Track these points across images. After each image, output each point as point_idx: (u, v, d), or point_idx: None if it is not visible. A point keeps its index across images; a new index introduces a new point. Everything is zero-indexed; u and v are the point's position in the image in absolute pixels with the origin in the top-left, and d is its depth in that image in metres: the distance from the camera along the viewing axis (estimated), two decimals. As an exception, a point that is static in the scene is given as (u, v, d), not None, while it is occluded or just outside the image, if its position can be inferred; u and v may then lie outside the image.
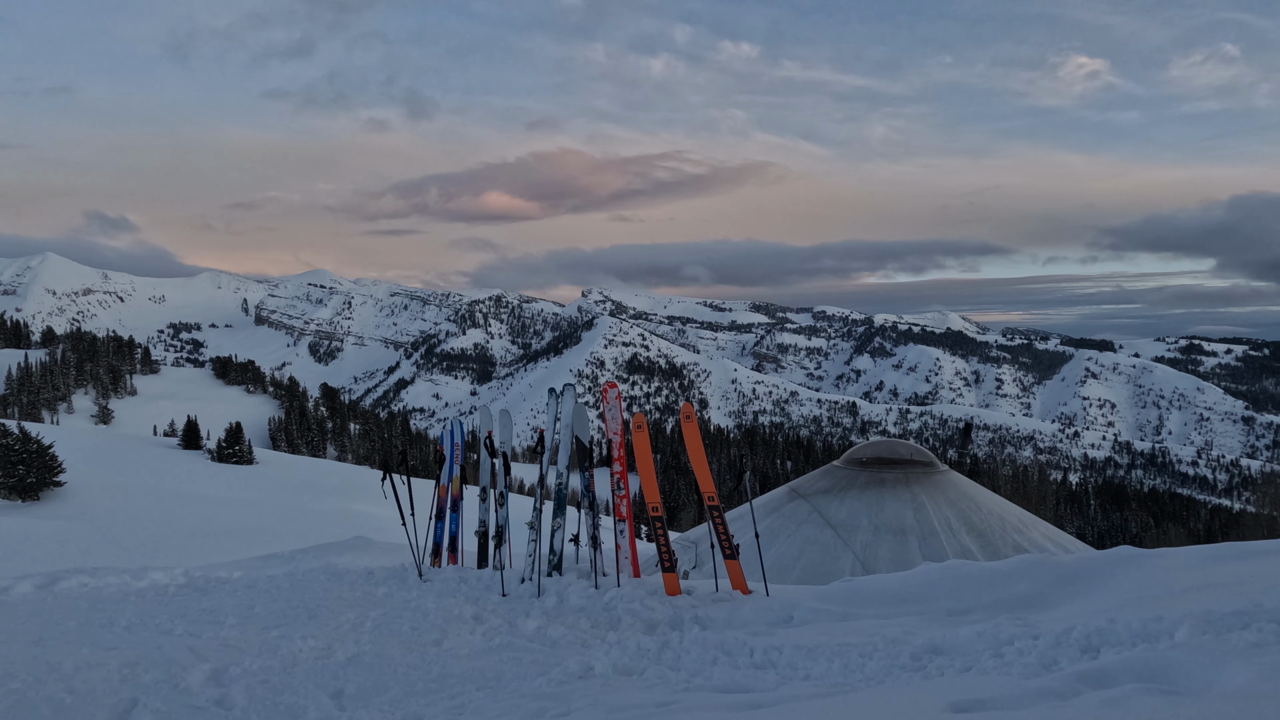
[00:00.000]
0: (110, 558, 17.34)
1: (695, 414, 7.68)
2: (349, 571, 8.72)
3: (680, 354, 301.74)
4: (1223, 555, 5.79)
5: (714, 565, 6.86)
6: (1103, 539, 59.60)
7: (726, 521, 6.94)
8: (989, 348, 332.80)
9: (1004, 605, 5.12)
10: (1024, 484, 67.55)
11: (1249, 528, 67.76)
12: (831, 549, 10.41)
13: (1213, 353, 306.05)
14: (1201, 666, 3.21)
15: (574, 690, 4.34)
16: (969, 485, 12.27)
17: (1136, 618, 4.16)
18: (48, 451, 30.22)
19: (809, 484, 12.25)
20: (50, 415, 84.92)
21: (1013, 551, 10.14)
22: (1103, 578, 5.42)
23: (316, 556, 13.89)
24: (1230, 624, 3.76)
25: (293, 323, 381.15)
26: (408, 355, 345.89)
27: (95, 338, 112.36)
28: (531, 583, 7.12)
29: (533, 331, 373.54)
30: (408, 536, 8.50)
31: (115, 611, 6.90)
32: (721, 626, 5.52)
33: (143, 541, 20.75)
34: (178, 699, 4.52)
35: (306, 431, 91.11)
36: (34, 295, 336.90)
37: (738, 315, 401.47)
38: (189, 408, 72.98)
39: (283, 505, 35.66)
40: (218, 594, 7.66)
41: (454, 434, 9.35)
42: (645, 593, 6.64)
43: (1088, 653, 3.84)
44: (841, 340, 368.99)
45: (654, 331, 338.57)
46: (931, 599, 5.57)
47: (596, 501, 7.64)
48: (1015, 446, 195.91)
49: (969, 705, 3.23)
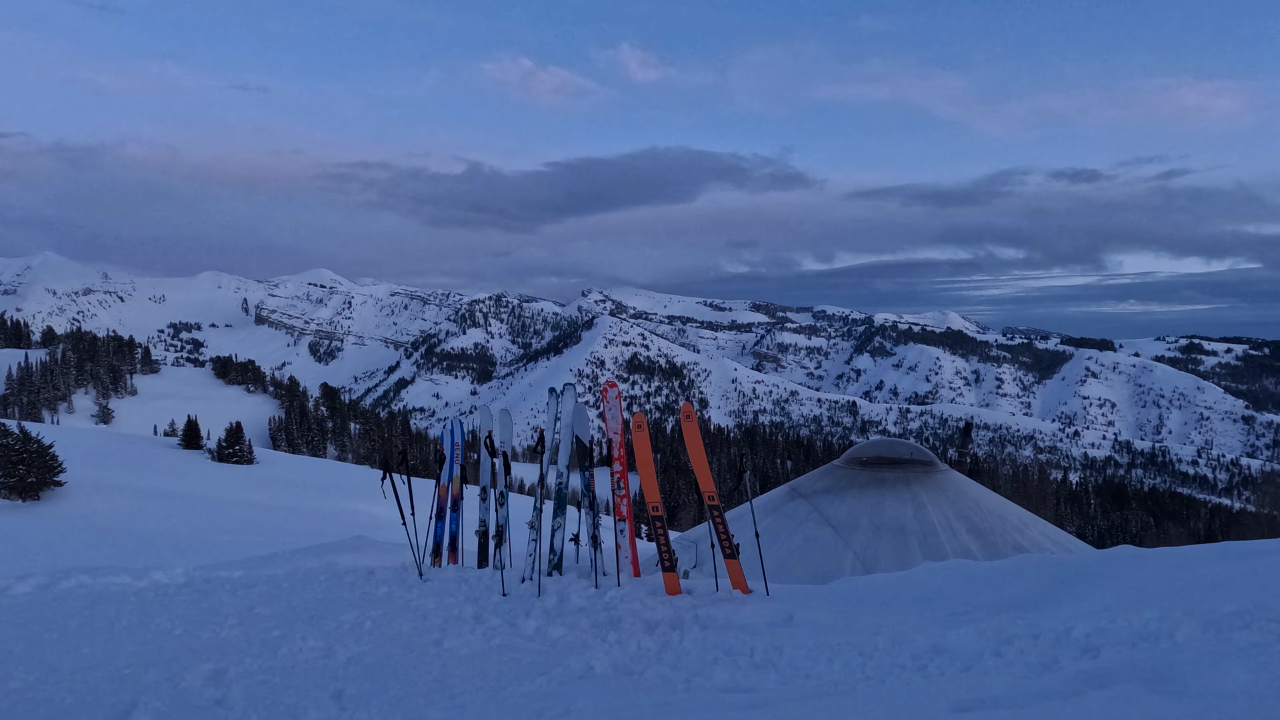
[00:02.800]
0: (110, 558, 17.30)
1: (695, 413, 7.67)
2: (349, 571, 8.72)
3: (680, 353, 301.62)
4: (1223, 555, 5.79)
5: (714, 565, 6.85)
6: (1103, 538, 59.58)
7: (726, 521, 6.93)
8: (989, 347, 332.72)
9: (1005, 605, 5.12)
10: (1024, 483, 67.54)
11: (1249, 527, 67.76)
12: (832, 548, 10.41)
13: (1213, 352, 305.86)
14: (1203, 666, 3.21)
15: (575, 690, 4.33)
16: (969, 485, 12.27)
17: (1137, 617, 4.16)
18: (48, 451, 30.20)
19: (809, 483, 12.25)
20: (50, 415, 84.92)
21: (1013, 551, 10.14)
22: (1103, 577, 5.41)
23: (316, 556, 13.84)
24: (1231, 624, 3.76)
25: (293, 322, 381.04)
26: (408, 355, 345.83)
27: (95, 337, 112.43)
28: (532, 582, 7.11)
29: (533, 331, 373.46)
30: (408, 536, 8.50)
31: (115, 612, 6.89)
32: (722, 626, 5.51)
33: (143, 541, 20.71)
34: (178, 699, 4.52)
35: (307, 431, 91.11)
36: (34, 295, 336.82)
37: (738, 315, 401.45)
38: (189, 407, 72.93)
39: (283, 505, 35.66)
40: (218, 594, 7.65)
41: (454, 433, 9.34)
42: (646, 592, 6.63)
43: (1088, 652, 3.83)
44: (841, 340, 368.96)
45: (654, 331, 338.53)
46: (932, 599, 5.57)
47: (596, 501, 7.64)
48: (1015, 446, 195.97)
49: (970, 705, 3.23)
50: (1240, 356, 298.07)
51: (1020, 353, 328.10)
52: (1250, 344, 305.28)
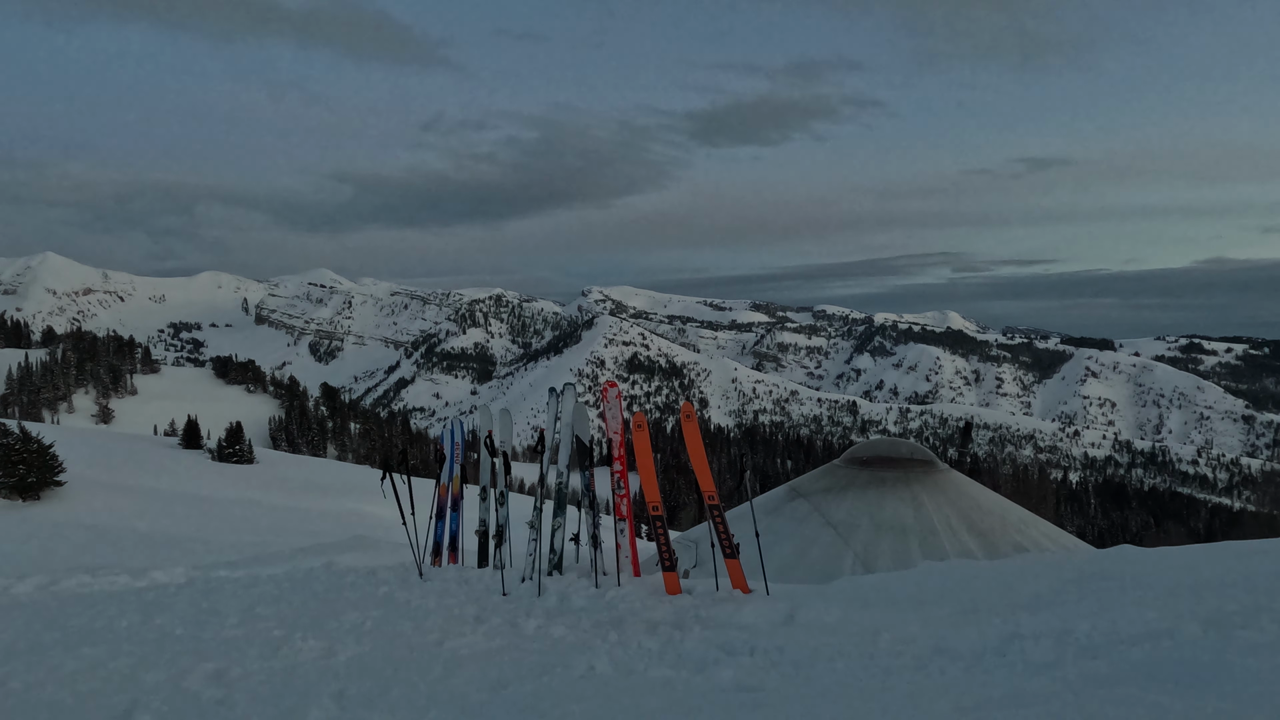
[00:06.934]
0: (110, 558, 17.32)
1: (695, 413, 7.67)
2: (350, 571, 8.72)
3: (680, 353, 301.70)
4: (1224, 554, 5.79)
5: (714, 564, 6.85)
6: (1103, 538, 59.68)
7: (727, 520, 6.93)
8: (989, 346, 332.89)
9: (1006, 605, 5.11)
10: (1024, 483, 67.56)
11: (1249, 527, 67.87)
12: (832, 548, 10.41)
13: (1213, 351, 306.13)
14: (1205, 666, 3.21)
15: (577, 690, 4.33)
16: (969, 484, 12.27)
17: (1139, 617, 4.16)
18: (48, 451, 30.19)
19: (809, 483, 12.25)
20: (50, 415, 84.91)
21: (1013, 551, 10.14)
22: (1104, 577, 5.41)
23: (317, 556, 13.86)
24: (1233, 623, 3.76)
25: (293, 322, 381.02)
26: (408, 355, 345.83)
27: (95, 337, 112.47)
28: (532, 582, 7.11)
29: (533, 331, 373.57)
30: (408, 536, 8.50)
31: (116, 612, 6.90)
32: (723, 626, 5.51)
33: (143, 541, 20.71)
34: (179, 700, 4.51)
35: (307, 431, 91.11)
36: (34, 295, 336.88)
37: (738, 314, 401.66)
38: (189, 407, 72.96)
39: (283, 505, 35.65)
40: (218, 594, 7.65)
41: (454, 433, 9.34)
42: (646, 592, 6.63)
43: (1090, 652, 3.83)
44: (842, 339, 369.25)
45: (654, 331, 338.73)
46: (934, 599, 5.56)
47: (597, 500, 7.63)
48: (1015, 445, 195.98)
49: (972, 705, 3.23)
50: (1240, 356, 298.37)
51: (1020, 352, 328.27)
52: (1250, 344, 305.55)
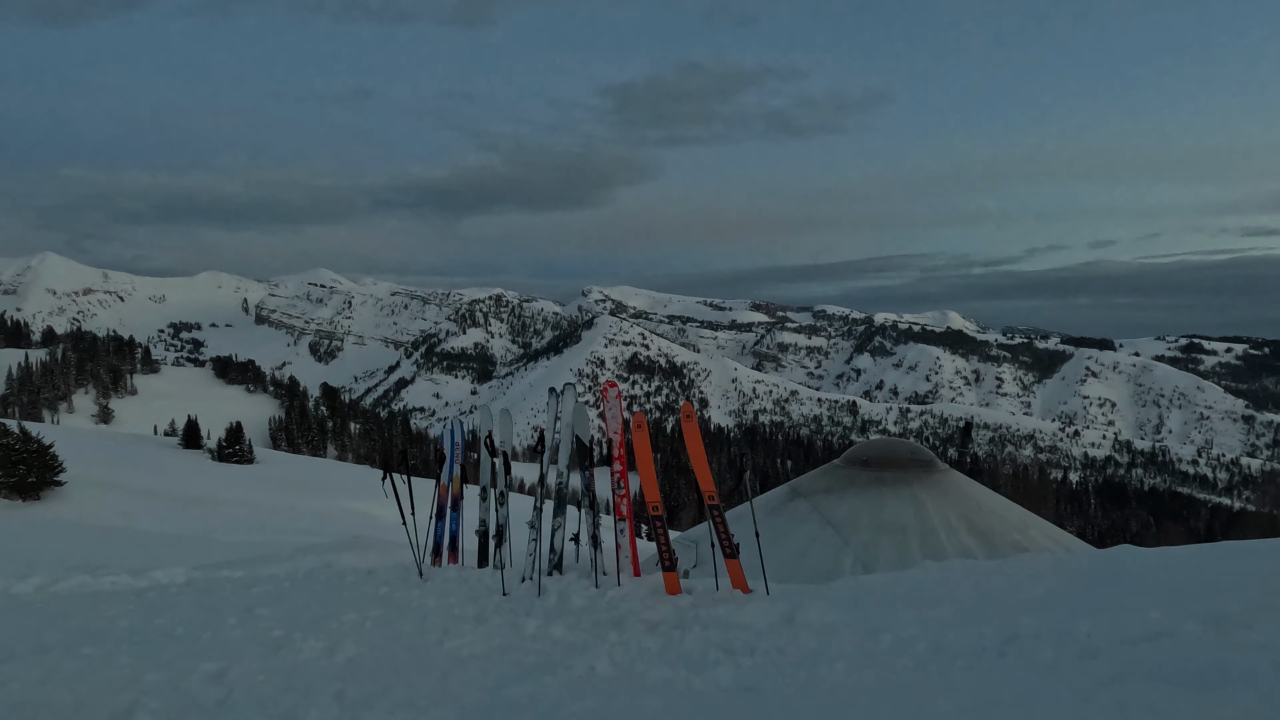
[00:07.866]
0: (110, 558, 17.31)
1: (695, 413, 7.66)
2: (350, 571, 8.73)
3: (680, 353, 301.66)
4: (1224, 554, 5.79)
5: (714, 564, 6.84)
6: (1103, 538, 59.62)
7: (727, 520, 6.93)
8: (989, 346, 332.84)
9: (1007, 605, 5.11)
10: (1024, 483, 67.61)
11: (1249, 527, 67.87)
12: (832, 548, 10.40)
13: (1213, 351, 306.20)
14: (1206, 666, 3.21)
15: (578, 690, 4.33)
16: (969, 484, 12.27)
17: (1140, 617, 4.16)
18: (48, 451, 30.21)
19: (809, 483, 12.24)
20: (50, 415, 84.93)
21: (1013, 551, 10.13)
22: (1105, 577, 5.41)
23: (317, 556, 13.88)
24: (1234, 623, 3.76)
25: (293, 322, 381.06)
26: (408, 354, 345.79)
27: (95, 337, 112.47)
28: (532, 582, 7.11)
29: (533, 331, 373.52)
30: (408, 536, 8.49)
31: (116, 612, 6.90)
32: (723, 626, 5.50)
33: (143, 541, 20.71)
34: (179, 700, 4.51)
35: (307, 431, 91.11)
36: (34, 295, 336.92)
37: (738, 314, 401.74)
38: (189, 407, 72.97)
39: (283, 505, 35.65)
40: (218, 594, 7.66)
41: (454, 433, 9.34)
42: (646, 592, 6.63)
43: (1091, 652, 3.83)
44: (842, 339, 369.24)
45: (654, 331, 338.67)
46: (934, 599, 5.56)
47: (597, 500, 7.63)
48: (1015, 445, 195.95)
49: (973, 705, 3.23)
50: (1240, 356, 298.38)
51: (1020, 352, 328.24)
52: (1250, 343, 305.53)
